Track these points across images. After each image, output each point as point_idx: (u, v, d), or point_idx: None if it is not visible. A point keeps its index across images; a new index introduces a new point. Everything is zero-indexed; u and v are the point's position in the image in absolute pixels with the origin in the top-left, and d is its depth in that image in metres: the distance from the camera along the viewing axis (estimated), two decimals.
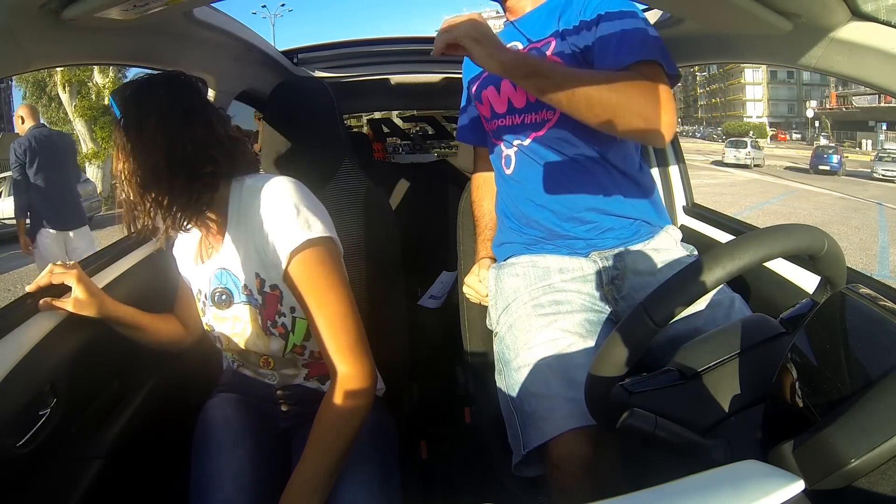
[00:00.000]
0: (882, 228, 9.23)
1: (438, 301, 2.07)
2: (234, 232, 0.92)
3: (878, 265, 6.93)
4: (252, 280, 0.92)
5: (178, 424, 1.11)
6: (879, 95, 22.74)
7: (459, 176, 2.28)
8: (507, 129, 1.10)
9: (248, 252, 0.91)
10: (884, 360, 0.48)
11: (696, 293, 0.56)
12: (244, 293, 0.94)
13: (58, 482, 0.95)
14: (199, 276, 1.00)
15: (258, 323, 0.93)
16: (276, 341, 0.95)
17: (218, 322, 0.98)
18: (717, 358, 0.65)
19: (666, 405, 0.62)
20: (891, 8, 0.70)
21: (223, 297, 0.96)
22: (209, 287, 0.98)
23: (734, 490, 0.44)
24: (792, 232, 0.60)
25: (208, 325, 1.01)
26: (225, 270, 0.95)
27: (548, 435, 0.90)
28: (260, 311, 0.92)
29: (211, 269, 0.96)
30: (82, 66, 9.09)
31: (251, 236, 0.89)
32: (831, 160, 19.72)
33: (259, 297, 0.92)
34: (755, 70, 43.51)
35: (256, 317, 0.93)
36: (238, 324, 0.96)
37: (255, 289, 0.92)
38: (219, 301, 0.96)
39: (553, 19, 1.04)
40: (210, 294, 0.97)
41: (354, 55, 1.74)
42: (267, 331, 0.93)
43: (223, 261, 0.94)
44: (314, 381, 1.04)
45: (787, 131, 41.52)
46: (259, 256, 0.89)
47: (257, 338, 0.95)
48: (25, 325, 0.91)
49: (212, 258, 0.96)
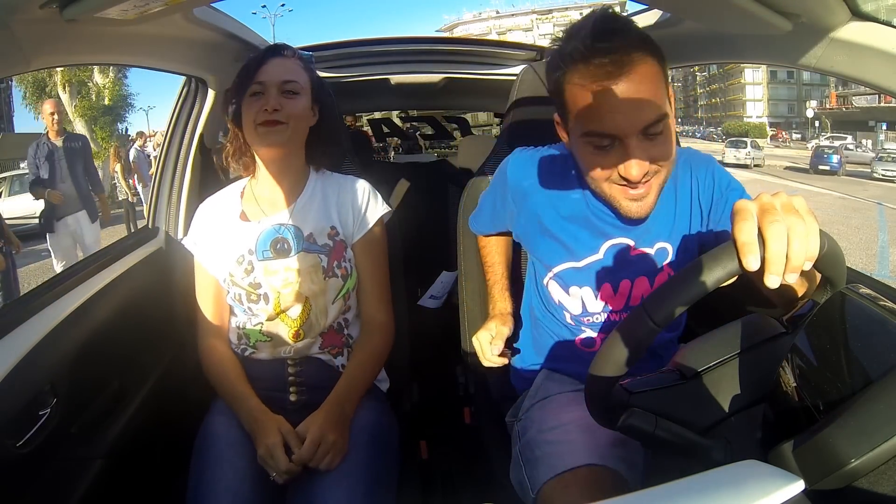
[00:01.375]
0: (882, 228, 9.22)
1: (438, 301, 2.07)
2: (309, 199, 1.10)
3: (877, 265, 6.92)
4: (324, 231, 1.08)
5: (178, 424, 1.11)
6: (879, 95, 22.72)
7: (459, 176, 2.28)
8: (600, 322, 0.98)
9: (326, 210, 1.10)
10: (884, 360, 0.48)
11: (697, 293, 0.55)
12: (307, 241, 1.06)
13: (58, 482, 0.94)
14: (247, 234, 1.07)
15: (321, 266, 1.05)
16: (335, 282, 1.06)
17: (269, 276, 1.04)
18: (718, 358, 0.65)
19: (666, 405, 0.62)
20: (891, 8, 0.70)
21: (283, 245, 1.06)
22: (264, 240, 1.06)
23: (734, 490, 0.44)
24: None
25: (252, 286, 1.04)
26: (283, 226, 1.07)
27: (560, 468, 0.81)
28: (328, 254, 1.07)
29: (265, 226, 1.07)
30: (82, 66, 9.08)
31: (333, 201, 1.10)
32: (831, 160, 19.75)
33: (330, 242, 1.08)
34: (755, 70, 43.47)
35: (318, 261, 1.05)
36: (291, 273, 1.04)
37: (325, 237, 1.08)
38: (279, 250, 1.05)
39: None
40: (272, 243, 1.06)
41: (354, 55, 1.74)
42: (330, 272, 1.06)
43: (287, 217, 1.08)
44: (326, 353, 1.08)
45: (787, 131, 41.51)
46: (339, 215, 1.10)
47: (313, 282, 1.05)
48: (25, 325, 0.91)
49: (270, 216, 1.08)
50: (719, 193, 0.90)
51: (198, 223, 1.13)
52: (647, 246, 0.92)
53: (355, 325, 1.14)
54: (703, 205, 0.91)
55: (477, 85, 1.90)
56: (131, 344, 1.17)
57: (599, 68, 0.73)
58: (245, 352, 1.08)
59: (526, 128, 1.25)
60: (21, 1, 0.67)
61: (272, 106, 0.99)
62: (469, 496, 1.33)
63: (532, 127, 1.25)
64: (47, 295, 0.99)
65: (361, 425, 1.01)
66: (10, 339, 0.87)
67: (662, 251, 0.92)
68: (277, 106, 1.00)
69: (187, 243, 1.13)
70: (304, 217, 1.08)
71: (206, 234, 1.11)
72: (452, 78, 1.77)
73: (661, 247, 0.92)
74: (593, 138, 0.76)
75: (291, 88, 1.03)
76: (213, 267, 1.09)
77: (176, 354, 1.27)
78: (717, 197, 0.90)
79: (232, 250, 1.06)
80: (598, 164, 0.79)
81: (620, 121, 0.73)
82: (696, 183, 0.91)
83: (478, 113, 4.53)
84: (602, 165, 0.78)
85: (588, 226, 0.93)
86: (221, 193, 1.14)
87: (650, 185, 0.79)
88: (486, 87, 1.92)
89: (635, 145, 0.74)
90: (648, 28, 1.12)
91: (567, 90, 0.77)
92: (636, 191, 0.79)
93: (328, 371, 1.08)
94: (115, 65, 6.99)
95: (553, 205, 0.95)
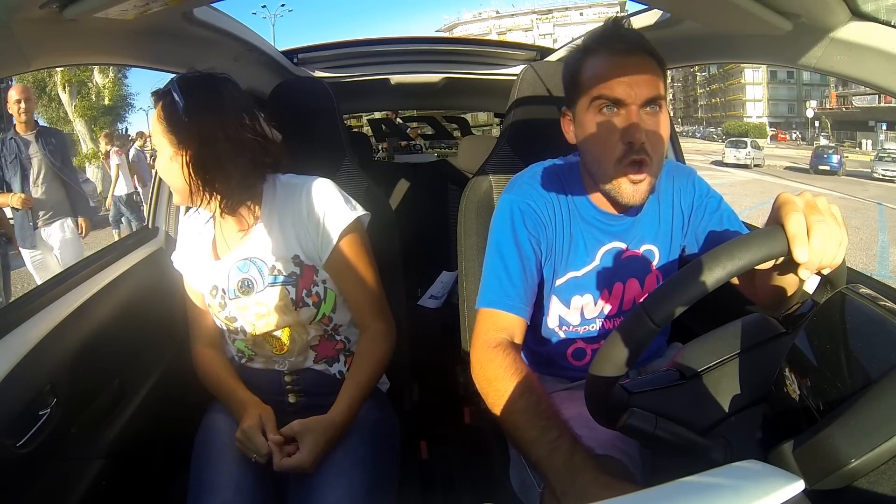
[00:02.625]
0: (882, 228, 9.25)
1: (438, 301, 2.07)
2: (268, 221, 1.01)
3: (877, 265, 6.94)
4: (287, 260, 1.01)
5: (178, 424, 1.11)
6: (879, 95, 22.76)
7: (459, 176, 2.28)
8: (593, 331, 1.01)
9: (284, 235, 1.01)
10: (884, 360, 0.48)
11: (696, 293, 0.55)
12: (272, 274, 1.00)
13: (58, 482, 0.95)
14: (216, 271, 1.03)
15: (290, 298, 1.00)
16: (307, 311, 1.01)
17: (241, 311, 1.01)
18: (718, 358, 0.65)
19: (666, 405, 0.62)
20: (891, 8, 0.70)
21: (248, 283, 1.01)
22: (233, 278, 1.01)
23: (734, 490, 0.44)
24: None
25: (228, 319, 1.03)
26: (248, 260, 1.01)
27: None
28: (295, 284, 1.00)
29: (232, 262, 1.02)
30: (82, 66, 9.09)
31: (290, 222, 1.00)
32: (831, 160, 19.76)
33: (297, 269, 1.01)
34: (755, 70, 43.50)
35: (286, 293, 1.00)
36: (262, 307, 1.00)
37: (290, 266, 1.01)
38: (245, 287, 1.01)
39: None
40: (238, 283, 1.01)
41: (354, 55, 1.74)
42: (300, 301, 1.00)
43: (248, 251, 1.01)
44: (322, 364, 1.07)
45: (787, 131, 41.53)
46: (298, 238, 1.01)
47: (285, 314, 1.00)
48: (25, 325, 0.91)
49: (233, 251, 1.02)
50: (699, 201, 0.99)
51: (181, 241, 1.11)
52: (636, 248, 0.98)
53: (349, 329, 1.12)
54: (685, 210, 1.00)
55: (477, 85, 1.90)
56: (131, 344, 1.17)
57: (615, 49, 0.86)
58: (242, 360, 1.08)
59: (526, 128, 1.25)
60: (21, 1, 0.67)
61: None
62: (469, 496, 1.33)
63: (532, 127, 1.25)
64: (47, 295, 0.99)
65: (362, 425, 1.01)
66: (10, 339, 0.87)
67: (649, 252, 0.99)
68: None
69: (175, 260, 1.11)
70: (264, 248, 1.01)
71: (186, 256, 1.09)
72: (452, 78, 1.78)
73: (648, 248, 0.99)
74: (603, 101, 0.85)
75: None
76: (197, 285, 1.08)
77: (176, 354, 1.27)
78: (697, 204, 0.99)
79: (207, 284, 1.05)
80: (605, 133, 0.86)
81: (627, 88, 0.84)
82: (677, 191, 1.00)
83: (477, 113, 4.53)
84: (609, 133, 0.85)
85: (586, 234, 0.97)
86: (197, 218, 1.09)
87: (648, 171, 0.86)
88: (486, 88, 1.93)
89: (637, 112, 0.84)
90: (648, 28, 1.13)
91: (585, 67, 0.88)
92: (637, 172, 0.85)
93: (326, 378, 1.08)
94: (115, 65, 6.97)
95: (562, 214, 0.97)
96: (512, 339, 0.91)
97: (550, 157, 1.05)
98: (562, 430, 0.75)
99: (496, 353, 0.86)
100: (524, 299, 0.93)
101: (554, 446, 0.73)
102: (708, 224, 0.97)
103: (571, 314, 1.00)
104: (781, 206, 0.58)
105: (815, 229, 0.55)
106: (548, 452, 0.73)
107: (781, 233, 0.56)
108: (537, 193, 0.97)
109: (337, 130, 1.31)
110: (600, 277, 0.97)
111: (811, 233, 0.55)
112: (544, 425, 0.76)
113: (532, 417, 0.77)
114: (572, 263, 0.97)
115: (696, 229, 0.98)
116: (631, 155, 0.84)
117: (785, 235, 0.56)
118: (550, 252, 0.97)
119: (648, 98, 0.84)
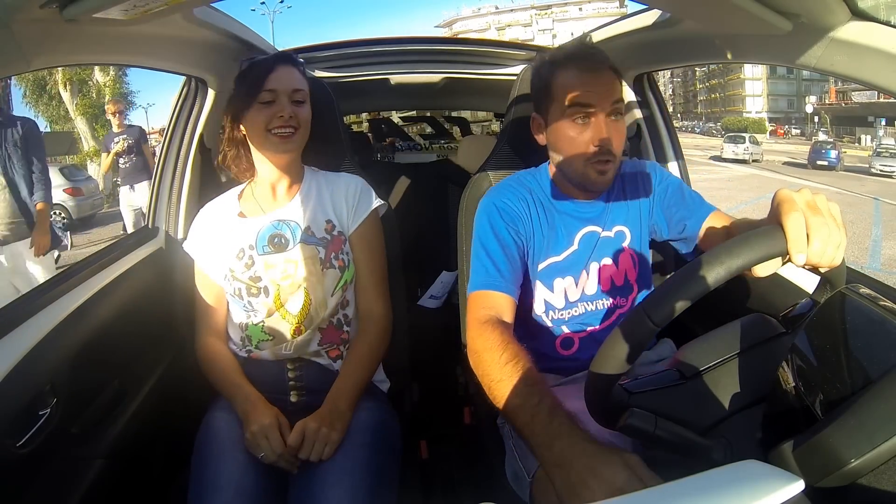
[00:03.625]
0: (876, 223, 9.33)
1: (438, 301, 2.07)
2: (306, 195, 1.14)
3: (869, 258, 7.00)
4: (321, 225, 1.12)
5: (178, 424, 1.11)
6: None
7: (460, 175, 2.28)
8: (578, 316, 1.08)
9: (322, 205, 1.14)
10: (884, 359, 0.48)
11: (696, 292, 0.55)
12: (306, 234, 1.10)
13: (58, 482, 0.95)
14: (245, 231, 1.10)
15: (318, 258, 1.09)
16: (332, 274, 1.09)
17: (268, 269, 1.07)
18: (718, 358, 0.65)
19: (666, 405, 0.63)
20: (891, 8, 0.70)
21: (281, 240, 1.09)
22: (263, 235, 1.09)
23: (734, 490, 0.44)
24: None
25: (252, 279, 1.07)
26: (283, 221, 1.11)
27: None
28: (325, 246, 1.10)
29: (265, 221, 1.11)
30: (83, 66, 9.09)
31: (327, 199, 1.15)
32: (829, 155, 19.77)
33: (328, 235, 1.12)
34: (754, 66, 43.50)
35: (316, 253, 1.09)
36: (291, 265, 1.08)
37: (323, 231, 1.12)
38: (277, 244, 1.09)
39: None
40: (268, 239, 1.09)
41: (354, 55, 1.74)
42: (328, 262, 1.09)
43: (285, 213, 1.11)
44: (325, 357, 1.10)
45: (785, 126, 41.55)
46: (335, 210, 1.14)
47: (311, 273, 1.08)
48: (25, 325, 0.91)
49: (269, 213, 1.12)
50: (660, 185, 1.10)
51: (197, 227, 1.16)
52: (608, 230, 1.08)
53: (355, 323, 1.15)
54: (650, 194, 1.10)
55: (477, 85, 1.90)
56: (131, 344, 1.17)
57: (584, 63, 0.99)
58: (248, 352, 1.09)
59: (526, 127, 1.25)
60: (21, 1, 0.67)
61: (288, 114, 1.05)
62: (469, 496, 1.33)
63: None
64: (47, 295, 0.99)
65: (363, 425, 1.01)
66: (10, 339, 0.87)
67: (621, 234, 1.09)
68: (292, 113, 1.05)
69: (187, 247, 1.16)
70: (302, 212, 1.12)
71: (205, 235, 1.14)
72: (452, 78, 1.77)
73: (619, 230, 1.09)
74: (576, 109, 0.97)
75: (300, 98, 1.08)
76: (212, 266, 1.11)
77: (176, 354, 1.27)
78: (659, 188, 1.10)
79: (231, 246, 1.09)
80: (578, 141, 0.99)
81: (596, 95, 0.97)
82: (642, 178, 1.11)
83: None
84: (582, 140, 0.99)
85: (564, 221, 1.08)
86: (220, 199, 1.18)
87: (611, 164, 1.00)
88: (485, 87, 1.92)
89: (604, 121, 0.97)
90: (648, 28, 1.12)
91: (557, 80, 1.00)
92: (604, 166, 0.99)
93: (328, 374, 1.08)
94: (115, 65, 6.96)
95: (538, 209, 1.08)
96: (500, 316, 0.95)
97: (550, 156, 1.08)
98: (543, 396, 0.75)
99: (484, 328, 0.90)
100: (509, 279, 1.00)
101: (535, 411, 0.73)
102: (671, 202, 1.08)
103: (556, 298, 1.07)
104: (781, 203, 0.58)
105: (815, 232, 0.55)
106: (529, 417, 0.73)
107: (781, 233, 0.56)
108: (511, 192, 1.08)
109: (337, 130, 1.31)
110: (579, 259, 1.07)
111: (811, 235, 0.55)
112: (527, 392, 0.76)
113: (517, 385, 0.78)
114: (552, 249, 1.07)
115: (662, 207, 1.09)
116: (600, 156, 0.98)
117: (784, 236, 0.56)
118: (530, 241, 1.06)
119: (615, 99, 0.98)
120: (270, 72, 1.06)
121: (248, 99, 1.06)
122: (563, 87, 0.99)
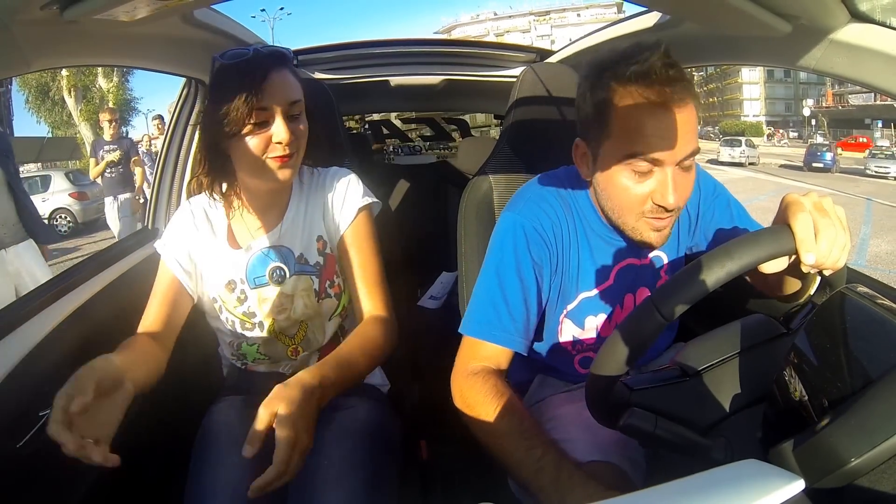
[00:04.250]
0: (866, 222, 9.53)
1: (438, 301, 2.07)
2: (296, 213, 1.02)
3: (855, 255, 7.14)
4: (312, 245, 1.02)
5: (177, 426, 1.11)
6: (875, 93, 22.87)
7: (459, 177, 2.28)
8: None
9: (312, 219, 1.02)
10: (884, 359, 0.48)
11: (706, 287, 0.56)
12: (298, 262, 1.01)
13: (58, 482, 0.94)
14: (235, 262, 1.01)
15: (313, 289, 1.01)
16: (329, 303, 1.02)
17: (262, 304, 1.00)
18: (718, 357, 0.65)
19: (666, 403, 0.63)
20: (890, 9, 0.70)
21: (275, 273, 1.00)
22: (253, 268, 1.00)
23: (734, 489, 0.44)
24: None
25: (246, 315, 1.01)
26: (273, 249, 1.01)
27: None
28: (318, 275, 1.01)
29: (254, 251, 1.01)
30: (82, 67, 9.10)
31: (317, 207, 1.03)
32: (824, 157, 19.93)
33: (321, 258, 1.02)
34: (752, 69, 43.57)
35: (311, 284, 1.01)
36: (286, 298, 1.00)
37: (314, 253, 1.02)
38: (270, 276, 1.00)
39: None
40: (259, 271, 1.00)
41: (354, 57, 1.74)
42: (323, 293, 1.02)
43: (276, 237, 1.01)
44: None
45: (782, 129, 41.64)
46: (325, 217, 1.03)
47: (306, 307, 1.01)
48: (26, 325, 0.91)
49: (258, 239, 1.01)
50: (706, 201, 0.96)
51: (179, 228, 1.03)
52: (644, 257, 0.96)
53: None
54: (691, 212, 0.97)
55: (476, 87, 1.90)
56: None
57: (662, 94, 0.73)
58: (244, 365, 1.08)
59: (526, 128, 1.26)
60: (21, 2, 0.67)
61: (287, 139, 0.88)
62: (469, 496, 1.32)
63: (532, 128, 1.25)
64: (47, 295, 0.99)
65: (363, 426, 1.00)
66: (11, 339, 0.87)
67: (658, 259, 0.97)
68: (291, 137, 0.89)
69: (158, 245, 1.03)
70: (293, 235, 1.02)
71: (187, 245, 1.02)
72: (452, 80, 1.78)
73: (657, 255, 0.96)
74: (637, 161, 0.76)
75: (297, 110, 0.92)
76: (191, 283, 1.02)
77: (177, 356, 1.27)
78: (705, 205, 0.96)
79: (221, 275, 1.01)
80: (633, 194, 0.79)
81: (668, 147, 0.74)
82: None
83: (476, 115, 4.53)
84: (638, 195, 0.79)
85: (600, 252, 0.93)
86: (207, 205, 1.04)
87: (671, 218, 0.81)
88: (485, 89, 1.93)
89: (675, 174, 0.76)
90: (647, 30, 1.13)
91: (619, 105, 0.76)
92: (661, 222, 0.80)
93: None
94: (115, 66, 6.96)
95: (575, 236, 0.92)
96: (496, 366, 0.88)
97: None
98: (546, 449, 0.73)
99: (476, 380, 0.86)
100: (520, 330, 0.88)
101: (539, 466, 0.71)
102: (719, 222, 0.95)
103: (587, 334, 0.96)
104: (789, 205, 0.59)
105: (822, 233, 0.57)
106: (534, 473, 0.72)
107: (789, 233, 0.57)
108: (544, 213, 0.90)
109: (337, 132, 1.31)
110: (614, 295, 0.94)
111: (818, 236, 0.57)
112: (528, 445, 0.74)
113: (515, 439, 0.76)
114: (583, 284, 0.93)
115: (706, 228, 0.96)
116: (658, 214, 0.79)
117: (792, 236, 0.57)
118: (556, 275, 0.92)
119: (687, 155, 0.76)
120: (263, 81, 0.86)
121: (235, 122, 0.86)
122: (625, 124, 0.76)
